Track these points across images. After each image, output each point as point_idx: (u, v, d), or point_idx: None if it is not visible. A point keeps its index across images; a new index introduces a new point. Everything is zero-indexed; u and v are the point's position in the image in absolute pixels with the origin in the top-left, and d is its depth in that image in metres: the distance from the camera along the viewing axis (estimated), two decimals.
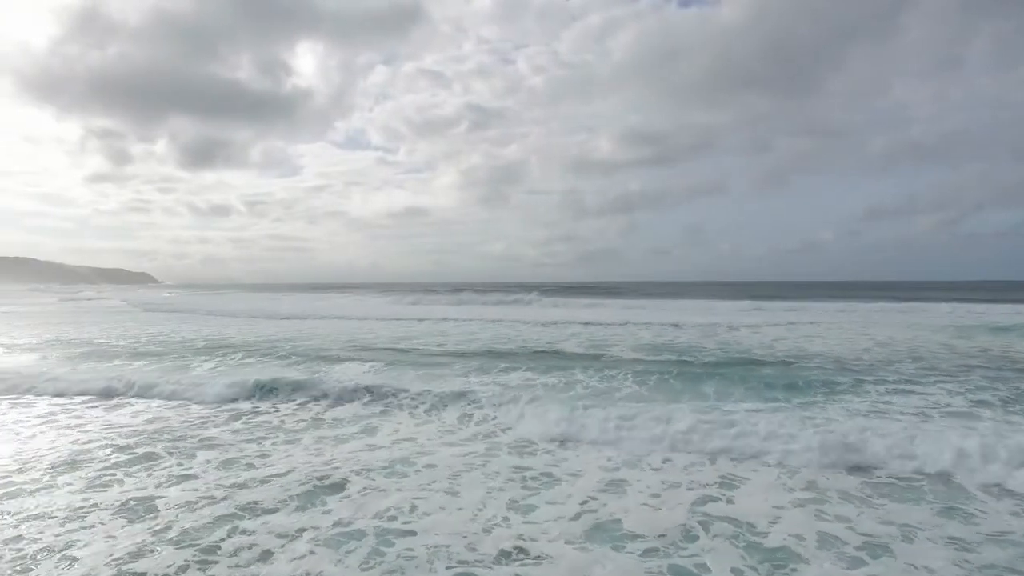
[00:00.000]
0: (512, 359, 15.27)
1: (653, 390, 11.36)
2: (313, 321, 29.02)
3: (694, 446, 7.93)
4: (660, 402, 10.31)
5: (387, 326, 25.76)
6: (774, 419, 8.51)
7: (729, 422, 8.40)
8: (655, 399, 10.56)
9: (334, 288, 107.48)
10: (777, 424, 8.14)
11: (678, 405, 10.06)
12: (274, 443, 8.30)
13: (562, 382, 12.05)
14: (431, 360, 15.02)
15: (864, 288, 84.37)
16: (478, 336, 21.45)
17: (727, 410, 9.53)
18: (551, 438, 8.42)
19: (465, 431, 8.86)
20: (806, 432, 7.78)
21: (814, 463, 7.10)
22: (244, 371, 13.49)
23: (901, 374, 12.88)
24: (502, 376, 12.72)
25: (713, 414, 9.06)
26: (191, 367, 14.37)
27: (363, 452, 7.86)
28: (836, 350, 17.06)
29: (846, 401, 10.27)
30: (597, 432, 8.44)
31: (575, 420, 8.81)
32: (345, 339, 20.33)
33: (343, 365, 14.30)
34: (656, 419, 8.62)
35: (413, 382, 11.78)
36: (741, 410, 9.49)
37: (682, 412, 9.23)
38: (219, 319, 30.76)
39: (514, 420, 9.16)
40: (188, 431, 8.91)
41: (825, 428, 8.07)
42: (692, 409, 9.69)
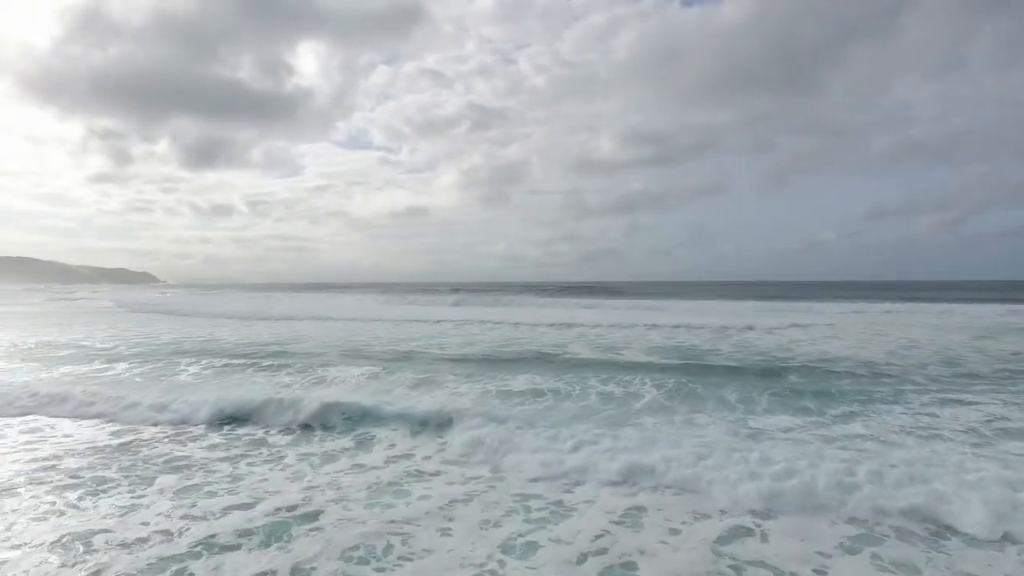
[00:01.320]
0: (518, 365, 14.25)
1: (672, 398, 10.33)
2: (309, 322, 28.03)
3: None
4: (682, 413, 9.31)
5: (385, 328, 24.75)
6: (809, 445, 7.52)
7: (763, 457, 7.32)
8: (676, 409, 9.54)
9: (335, 288, 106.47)
10: (815, 454, 6.93)
11: (703, 416, 9.08)
12: (249, 464, 7.30)
13: (575, 389, 11.00)
14: (430, 367, 13.99)
15: (867, 288, 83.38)
16: (480, 338, 20.44)
17: (755, 427, 8.51)
18: (560, 474, 6.88)
19: (463, 453, 7.75)
20: (861, 471, 6.57)
21: (868, 507, 5.70)
22: (223, 380, 12.53)
23: (940, 381, 11.84)
24: (507, 381, 11.71)
25: (741, 434, 8.06)
26: (167, 375, 13.38)
27: (346, 476, 6.85)
28: (860, 353, 16.02)
29: (886, 413, 9.24)
30: (612, 470, 6.80)
31: (588, 446, 7.46)
32: (340, 342, 19.33)
33: (335, 370, 13.30)
34: (675, 442, 7.48)
35: (407, 394, 10.75)
36: (772, 428, 8.47)
37: (709, 430, 8.25)
38: (211, 320, 29.75)
39: (519, 441, 7.81)
40: (149, 451, 7.88)
41: (877, 459, 7.05)
42: (717, 422, 8.73)
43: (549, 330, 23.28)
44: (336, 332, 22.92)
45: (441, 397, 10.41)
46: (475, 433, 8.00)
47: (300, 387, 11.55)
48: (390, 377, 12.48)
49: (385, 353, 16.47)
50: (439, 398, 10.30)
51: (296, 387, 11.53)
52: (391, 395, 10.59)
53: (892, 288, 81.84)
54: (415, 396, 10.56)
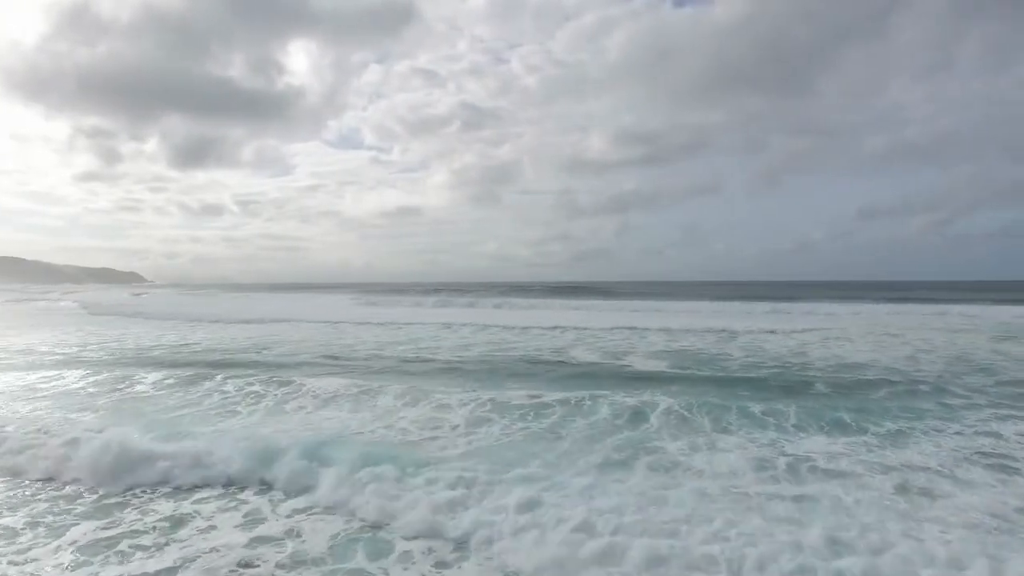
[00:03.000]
0: (518, 377, 12.96)
1: (696, 413, 9.12)
2: (293, 325, 26.61)
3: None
4: (706, 433, 8.13)
5: (371, 331, 23.44)
6: (864, 483, 6.33)
7: (813, 496, 6.13)
8: (700, 428, 8.35)
9: (326, 288, 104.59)
10: (878, 506, 5.72)
11: (728, 437, 7.91)
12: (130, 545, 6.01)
13: (585, 407, 9.74)
14: (413, 381, 12.74)
15: (859, 288, 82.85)
16: (472, 342, 19.19)
17: (794, 453, 7.33)
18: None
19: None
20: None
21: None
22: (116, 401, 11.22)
23: (985, 393, 10.73)
24: (505, 393, 10.47)
25: (777, 466, 6.88)
26: (123, 386, 12.00)
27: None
28: (881, 359, 14.94)
29: (939, 433, 8.09)
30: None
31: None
32: (320, 347, 18.01)
33: (307, 383, 11.99)
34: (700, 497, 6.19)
35: (376, 424, 9.46)
36: (817, 452, 7.30)
37: (737, 462, 7.02)
38: (186, 324, 28.22)
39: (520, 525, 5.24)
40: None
41: (948, 501, 5.86)
42: (747, 446, 7.55)
43: (546, 333, 22.08)
44: (319, 335, 21.59)
45: (418, 429, 9.16)
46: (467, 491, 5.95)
47: (216, 415, 10.26)
48: (367, 398, 11.20)
49: (367, 358, 15.17)
50: (417, 429, 9.05)
51: (213, 415, 10.24)
52: (356, 426, 9.30)
53: (884, 288, 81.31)
54: (386, 423, 9.29)
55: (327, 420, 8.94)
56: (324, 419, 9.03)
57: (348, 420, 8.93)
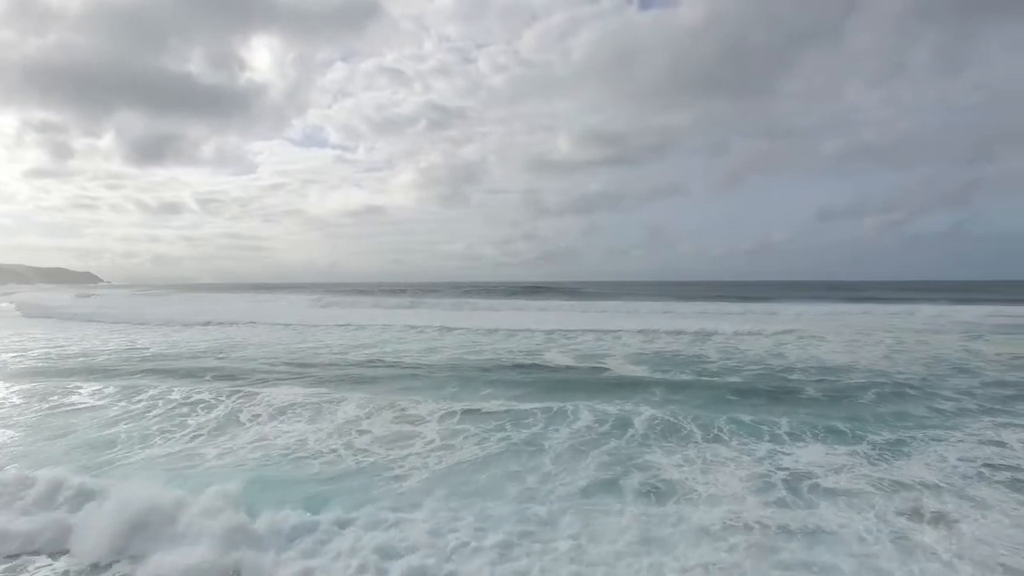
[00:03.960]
0: (491, 384, 12.21)
1: (684, 422, 8.51)
2: (252, 327, 25.35)
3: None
4: (696, 443, 7.52)
5: (335, 333, 22.41)
6: (874, 504, 5.79)
7: (825, 530, 5.56)
8: (691, 438, 7.73)
9: (290, 288, 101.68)
10: (893, 535, 5.21)
11: (722, 447, 7.31)
12: None
13: (567, 416, 9.03)
14: (378, 389, 11.92)
15: (822, 288, 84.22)
16: (441, 345, 18.38)
17: (789, 466, 6.79)
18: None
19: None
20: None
21: None
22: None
23: (973, 395, 10.41)
24: (477, 401, 9.73)
25: (775, 482, 6.32)
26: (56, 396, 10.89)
27: None
28: (859, 360, 14.65)
29: (941, 443, 7.63)
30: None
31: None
32: (280, 351, 16.99)
33: (263, 393, 11.07)
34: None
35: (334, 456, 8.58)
36: (812, 469, 6.76)
37: (730, 481, 6.44)
38: (137, 327, 26.69)
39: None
40: None
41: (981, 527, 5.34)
42: (741, 459, 6.97)
43: (516, 334, 21.39)
44: (280, 338, 20.50)
45: (381, 453, 8.34)
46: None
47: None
48: (327, 414, 10.33)
49: (330, 366, 14.25)
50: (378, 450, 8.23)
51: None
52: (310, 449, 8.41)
53: (844, 288, 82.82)
54: (349, 445, 8.45)
55: (281, 435, 8.06)
56: (278, 434, 8.15)
57: (304, 434, 8.08)
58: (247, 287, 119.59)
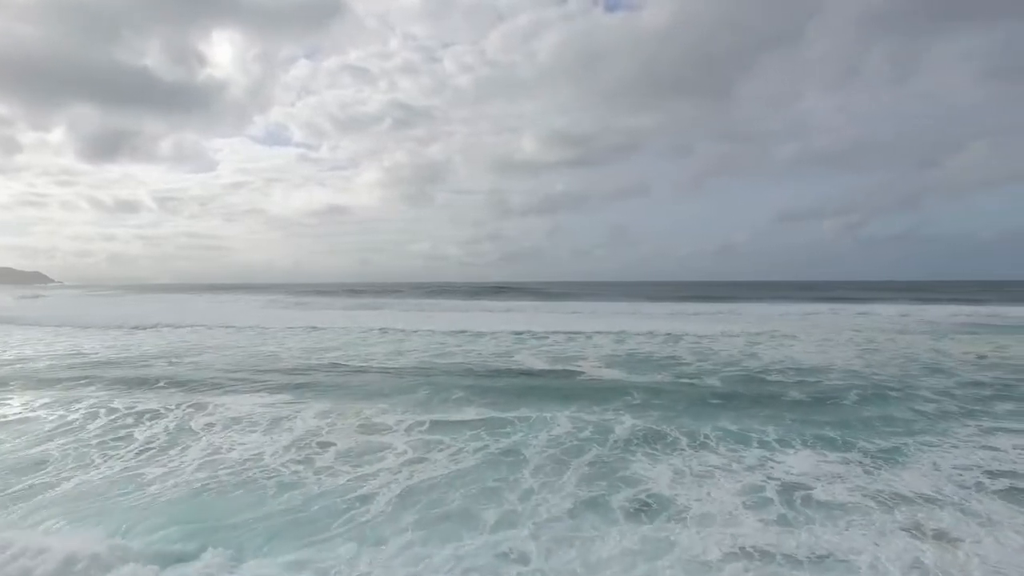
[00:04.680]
0: (462, 389, 11.64)
1: (669, 429, 8.09)
2: (210, 330, 24.19)
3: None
4: (683, 451, 7.10)
5: (297, 336, 21.50)
6: (878, 513, 5.43)
7: (832, 554, 5.18)
8: (676, 445, 7.31)
9: (251, 289, 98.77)
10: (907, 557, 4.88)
11: (708, 453, 6.91)
12: None
13: (544, 431, 8.51)
14: (343, 396, 11.27)
15: (783, 288, 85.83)
16: (408, 348, 17.71)
17: (780, 476, 6.45)
18: None
19: None
20: None
21: None
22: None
23: (952, 396, 10.31)
24: (448, 408, 9.17)
25: (770, 495, 5.95)
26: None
27: None
28: (835, 361, 14.54)
29: (932, 449, 7.39)
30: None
31: None
32: (239, 355, 16.10)
33: (217, 401, 10.31)
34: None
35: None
36: (805, 480, 6.42)
37: (720, 493, 6.05)
38: (85, 330, 25.23)
39: None
40: None
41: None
42: (732, 468, 6.58)
43: (483, 336, 20.84)
44: (239, 342, 19.53)
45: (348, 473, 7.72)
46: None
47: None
48: (283, 426, 9.65)
49: (291, 371, 13.47)
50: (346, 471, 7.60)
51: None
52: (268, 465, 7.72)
53: (804, 288, 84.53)
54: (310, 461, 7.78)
55: (235, 449, 7.37)
56: (232, 447, 7.46)
57: (261, 448, 7.41)
58: (207, 288, 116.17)
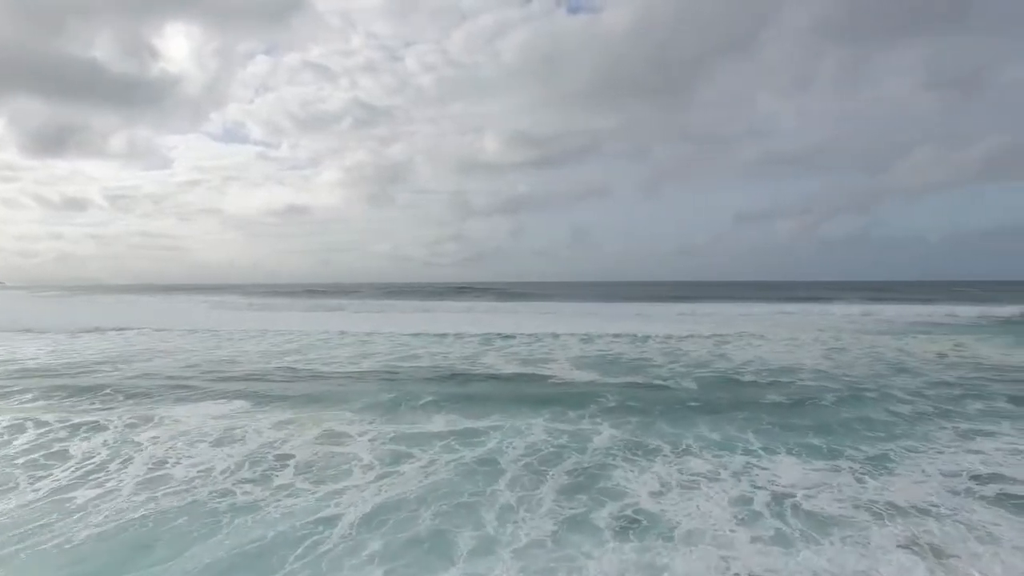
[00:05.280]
0: (431, 395, 11.13)
1: (648, 437, 7.75)
2: (161, 333, 23.03)
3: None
4: (666, 457, 6.77)
5: (255, 340, 20.61)
6: (872, 527, 5.17)
7: (804, 538, 4.90)
8: (658, 452, 6.97)
9: (208, 290, 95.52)
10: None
11: (692, 459, 6.59)
12: None
13: (519, 440, 8.08)
14: (302, 404, 10.67)
15: (742, 288, 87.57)
16: (372, 351, 17.08)
17: (766, 485, 6.18)
18: None
19: None
20: None
21: None
22: None
23: (924, 396, 10.34)
24: (416, 417, 8.67)
25: (757, 510, 5.65)
26: None
27: None
28: (804, 362, 14.53)
29: (918, 455, 7.24)
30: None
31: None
32: (192, 360, 15.23)
33: (164, 412, 9.59)
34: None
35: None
36: (797, 487, 6.16)
37: (717, 504, 5.74)
38: (22, 335, 23.73)
39: None
40: None
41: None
42: (719, 475, 6.27)
43: (447, 337, 20.31)
44: (192, 346, 18.56)
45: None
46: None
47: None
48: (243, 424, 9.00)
49: (247, 378, 12.75)
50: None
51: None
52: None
53: (764, 287, 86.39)
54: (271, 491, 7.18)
55: (182, 466, 6.73)
56: (179, 463, 6.82)
57: (212, 464, 6.79)
58: (161, 288, 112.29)
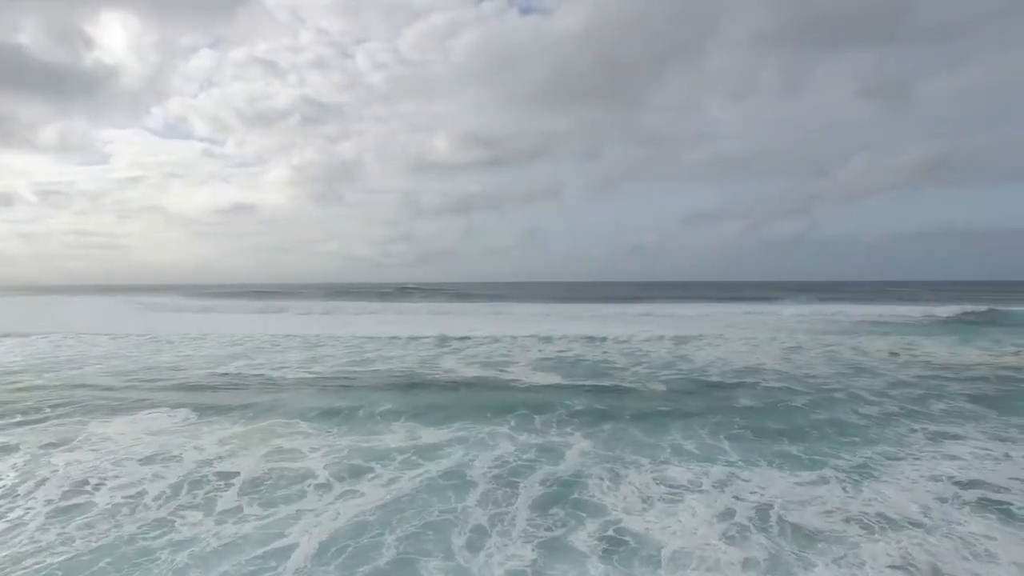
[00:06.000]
0: (389, 403, 10.55)
1: (621, 449, 7.38)
2: (95, 338, 21.52)
3: None
4: (640, 468, 6.41)
5: (199, 344, 19.45)
6: (864, 543, 4.94)
7: (800, 562, 4.60)
8: (635, 465, 6.61)
9: (150, 290, 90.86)
10: None
11: (675, 472, 6.25)
12: None
13: (487, 452, 7.60)
14: (250, 415, 9.96)
15: (695, 287, 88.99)
16: (325, 355, 16.28)
17: (751, 498, 5.91)
18: None
19: None
20: None
21: None
22: None
23: (890, 397, 10.40)
24: (375, 428, 8.10)
25: (741, 532, 5.36)
26: None
27: None
28: (765, 362, 14.52)
29: (900, 461, 7.12)
30: None
31: None
32: (128, 367, 14.16)
33: (92, 427, 8.72)
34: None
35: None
36: (779, 498, 5.91)
37: (702, 519, 5.42)
38: None
39: None
40: None
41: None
42: (700, 483, 5.95)
43: (399, 339, 19.63)
44: (130, 351, 17.34)
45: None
46: None
47: None
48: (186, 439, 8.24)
49: (188, 387, 11.86)
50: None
51: None
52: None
53: (712, 287, 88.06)
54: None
55: (106, 489, 5.99)
56: (102, 486, 6.07)
57: (142, 487, 6.08)
58: (98, 289, 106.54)
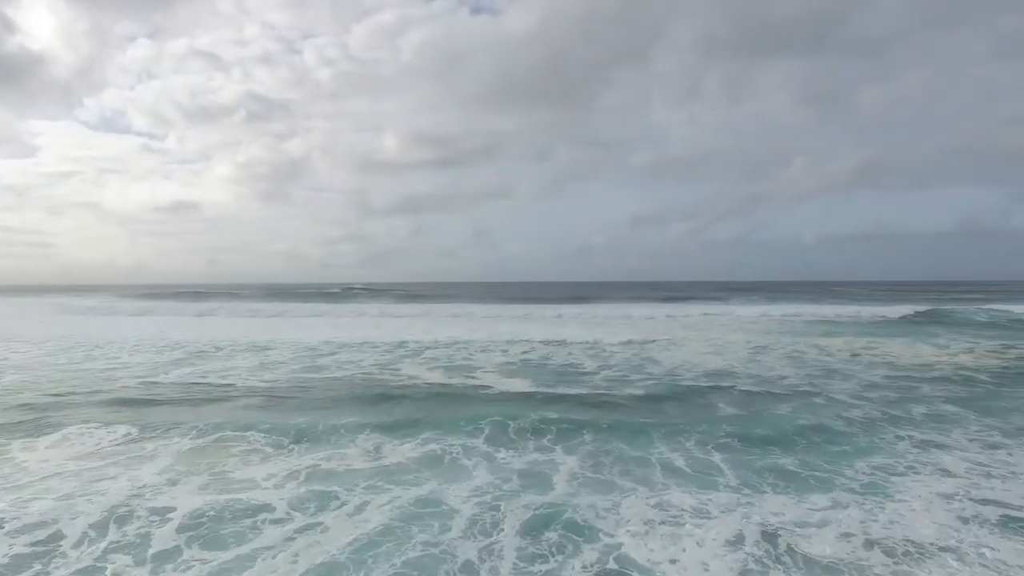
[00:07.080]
0: (351, 415, 9.76)
1: (607, 462, 6.84)
2: (15, 345, 19.75)
3: None
4: (636, 493, 5.88)
5: (133, 350, 18.01)
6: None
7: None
8: (623, 487, 6.06)
9: (83, 291, 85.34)
10: None
11: (676, 497, 5.74)
12: None
13: (464, 473, 6.94)
14: (199, 431, 9.03)
15: (642, 288, 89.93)
16: (276, 360, 15.23)
17: (762, 521, 5.49)
18: None
19: None
20: None
21: None
22: None
23: (869, 400, 10.24)
24: (338, 441, 7.31)
25: (766, 564, 4.90)
26: None
27: None
28: (735, 365, 14.33)
29: (906, 478, 6.81)
30: None
31: None
32: (57, 377, 12.82)
33: (13, 447, 7.66)
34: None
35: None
36: (789, 523, 5.48)
37: (710, 550, 4.93)
38: None
39: None
40: None
41: None
42: (705, 507, 5.46)
43: (353, 343, 18.72)
44: (60, 360, 15.82)
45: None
46: None
47: None
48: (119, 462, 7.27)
49: (125, 399, 10.72)
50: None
51: None
52: None
53: (660, 287, 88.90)
54: None
55: (18, 527, 5.06)
56: (13, 523, 5.13)
57: (60, 521, 5.18)
58: (26, 290, 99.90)
